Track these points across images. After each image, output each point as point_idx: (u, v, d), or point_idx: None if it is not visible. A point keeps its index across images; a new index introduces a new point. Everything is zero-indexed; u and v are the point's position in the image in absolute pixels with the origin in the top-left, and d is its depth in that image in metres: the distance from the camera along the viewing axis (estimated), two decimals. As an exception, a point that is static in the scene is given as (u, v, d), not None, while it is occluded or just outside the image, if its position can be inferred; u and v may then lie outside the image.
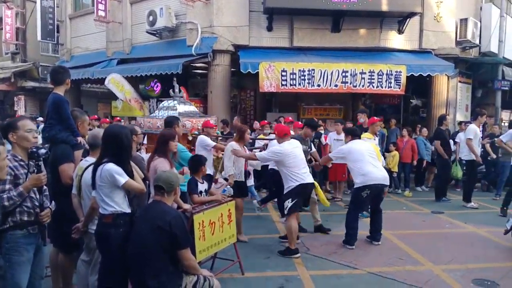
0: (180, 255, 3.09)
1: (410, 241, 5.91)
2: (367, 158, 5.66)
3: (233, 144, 5.58)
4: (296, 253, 5.20)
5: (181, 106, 7.45)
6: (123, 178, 3.13)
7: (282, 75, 10.24)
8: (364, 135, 6.69)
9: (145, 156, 5.07)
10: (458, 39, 11.85)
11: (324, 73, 10.40)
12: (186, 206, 4.06)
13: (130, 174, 3.23)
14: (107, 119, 11.74)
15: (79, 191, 3.59)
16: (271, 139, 7.12)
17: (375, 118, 7.48)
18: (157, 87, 12.98)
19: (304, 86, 10.42)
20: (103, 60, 13.88)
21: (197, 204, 4.34)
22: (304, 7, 10.45)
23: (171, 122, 5.20)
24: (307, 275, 4.63)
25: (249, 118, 13.72)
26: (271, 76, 10.24)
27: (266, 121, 9.76)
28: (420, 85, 12.68)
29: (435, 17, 11.63)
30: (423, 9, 11.20)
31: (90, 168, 3.34)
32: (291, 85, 10.32)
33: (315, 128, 6.92)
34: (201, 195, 4.52)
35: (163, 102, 7.86)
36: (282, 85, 10.30)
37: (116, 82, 12.01)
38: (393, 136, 10.44)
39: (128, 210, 3.25)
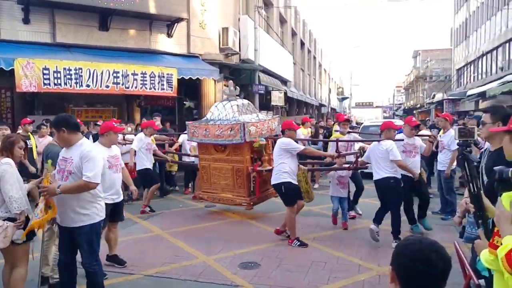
0: None
1: (185, 237, 6.17)
2: None
3: (7, 170, 3.51)
4: None
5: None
6: None
7: (44, 74, 9.16)
8: None
9: None
10: (221, 46, 13.03)
11: (94, 72, 9.84)
12: None
13: None
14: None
15: None
16: None
17: None
18: None
19: (71, 86, 9.60)
20: None
21: None
22: (67, 2, 9.61)
23: None
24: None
25: (5, 120, 11.77)
26: (30, 74, 9.04)
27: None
28: (192, 88, 13.38)
29: (200, 24, 12.47)
30: (189, 16, 11.87)
31: None
32: (55, 84, 9.35)
33: None
34: None
35: (223, 103, 7.30)
36: (45, 84, 9.23)
37: None
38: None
39: None
